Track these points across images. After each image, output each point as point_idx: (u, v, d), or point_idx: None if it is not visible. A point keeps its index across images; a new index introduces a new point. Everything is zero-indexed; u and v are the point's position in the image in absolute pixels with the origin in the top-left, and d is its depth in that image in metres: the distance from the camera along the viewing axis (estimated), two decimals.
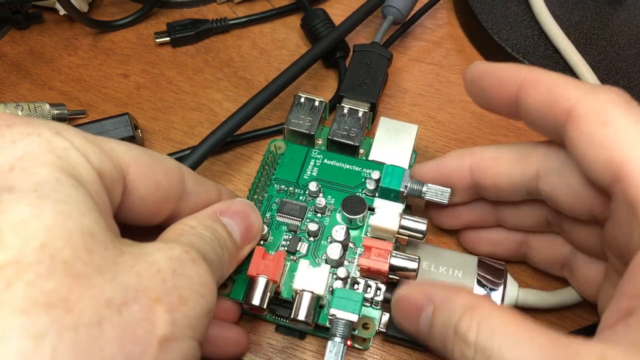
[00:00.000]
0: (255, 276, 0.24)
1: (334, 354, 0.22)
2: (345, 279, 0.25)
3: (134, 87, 0.36)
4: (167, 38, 0.37)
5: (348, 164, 0.29)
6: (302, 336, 0.27)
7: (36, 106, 0.31)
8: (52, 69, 0.36)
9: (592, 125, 0.20)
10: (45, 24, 0.39)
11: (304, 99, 0.30)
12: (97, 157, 0.18)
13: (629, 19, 0.38)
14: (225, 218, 0.22)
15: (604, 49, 0.36)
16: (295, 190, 0.28)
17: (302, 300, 0.24)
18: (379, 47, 0.34)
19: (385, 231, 0.25)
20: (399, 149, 0.29)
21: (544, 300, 0.26)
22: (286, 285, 0.25)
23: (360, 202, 0.27)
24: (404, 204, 0.27)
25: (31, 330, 0.13)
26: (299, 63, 0.32)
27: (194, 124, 0.34)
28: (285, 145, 0.30)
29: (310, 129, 0.29)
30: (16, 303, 0.14)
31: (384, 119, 0.30)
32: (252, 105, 0.30)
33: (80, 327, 0.14)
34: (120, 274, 0.16)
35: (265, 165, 0.29)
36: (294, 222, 0.27)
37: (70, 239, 0.15)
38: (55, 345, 0.14)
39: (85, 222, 0.16)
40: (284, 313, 0.26)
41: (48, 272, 0.14)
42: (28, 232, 0.15)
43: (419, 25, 0.40)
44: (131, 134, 0.31)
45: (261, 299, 0.24)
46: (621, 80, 0.34)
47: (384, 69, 0.33)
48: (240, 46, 0.38)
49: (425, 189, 0.26)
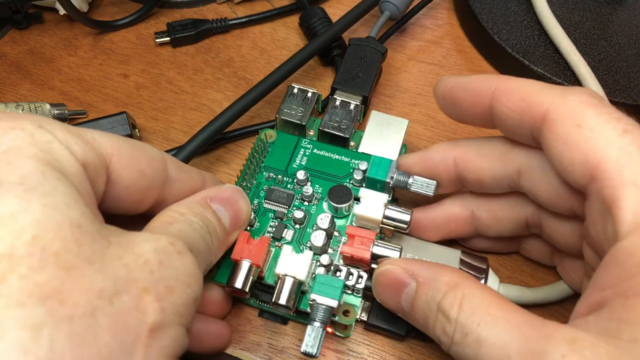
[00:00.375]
0: (239, 260, 0.24)
1: (312, 337, 0.23)
2: (328, 266, 0.25)
3: (134, 87, 0.36)
4: (167, 38, 0.37)
5: (337, 154, 0.29)
6: (285, 322, 0.27)
7: (36, 106, 0.31)
8: (52, 69, 0.36)
9: (567, 127, 0.20)
10: (45, 24, 0.39)
11: (297, 89, 0.31)
12: (80, 149, 0.18)
13: (629, 19, 0.38)
14: (215, 204, 0.23)
15: (604, 49, 0.36)
16: (284, 178, 0.28)
17: (284, 284, 0.24)
18: (374, 41, 0.34)
19: (369, 220, 0.25)
20: (389, 142, 0.29)
21: (525, 295, 0.27)
22: (270, 270, 0.26)
23: (346, 191, 0.27)
24: (390, 195, 0.27)
25: (28, 321, 0.14)
26: (294, 59, 0.32)
27: (194, 124, 0.34)
28: (276, 134, 0.30)
29: (301, 120, 0.30)
30: (12, 296, 0.14)
31: (375, 112, 0.30)
32: (246, 100, 0.31)
33: (75, 317, 0.14)
34: (109, 265, 0.16)
35: (255, 153, 0.29)
36: (281, 209, 0.27)
37: (59, 231, 0.15)
38: (52, 336, 0.14)
39: (72, 214, 0.16)
40: (266, 298, 0.26)
41: (40, 265, 0.15)
42: (18, 226, 0.15)
43: (419, 25, 0.40)
44: (129, 133, 0.31)
45: (244, 282, 0.24)
46: (621, 80, 0.34)
47: (378, 63, 0.33)
48: (240, 46, 0.38)
49: (412, 180, 0.26)
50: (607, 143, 0.19)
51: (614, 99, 0.33)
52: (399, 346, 0.27)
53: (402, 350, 0.26)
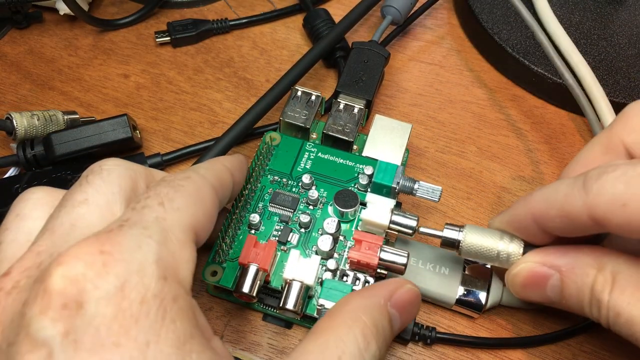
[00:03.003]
0: (246, 264, 0.24)
1: None
2: (335, 271, 0.25)
3: (134, 87, 0.36)
4: (168, 38, 0.37)
5: (342, 159, 0.29)
6: (289, 326, 0.27)
7: (50, 115, 0.31)
8: (52, 69, 0.36)
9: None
10: (45, 24, 0.39)
11: (300, 92, 0.31)
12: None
13: (629, 19, 0.38)
14: (393, 310, 0.21)
15: (604, 49, 0.36)
16: (289, 181, 0.28)
17: (291, 289, 0.24)
18: (377, 45, 0.34)
19: (376, 225, 0.25)
20: (392, 146, 0.29)
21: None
22: (276, 274, 0.25)
23: (352, 196, 0.27)
24: (396, 200, 0.27)
25: None
26: (301, 64, 0.33)
27: (194, 124, 0.34)
28: (280, 137, 0.30)
29: (305, 122, 0.30)
30: None
31: (378, 117, 0.30)
32: (259, 107, 0.31)
33: None
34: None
35: (260, 156, 0.29)
36: (286, 212, 0.27)
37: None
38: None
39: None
40: (272, 302, 0.26)
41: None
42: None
43: (420, 25, 0.40)
44: (129, 135, 0.31)
45: (251, 286, 0.24)
46: (621, 80, 0.34)
47: (381, 67, 0.33)
48: (241, 46, 0.38)
49: (417, 186, 0.26)
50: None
51: (614, 99, 0.33)
52: (402, 349, 0.27)
53: (403, 352, 0.26)
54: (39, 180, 0.29)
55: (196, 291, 0.28)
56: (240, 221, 0.27)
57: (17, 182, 0.29)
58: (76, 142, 0.30)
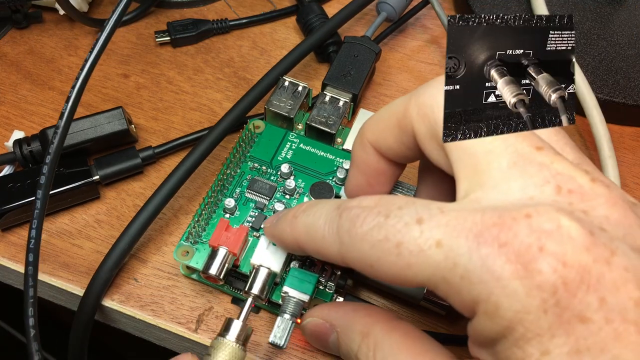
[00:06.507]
0: (216, 247, 0.25)
1: (281, 329, 0.23)
2: (304, 261, 0.26)
3: (134, 87, 0.36)
4: (168, 38, 0.37)
5: (323, 151, 0.30)
6: (257, 311, 0.27)
7: None
8: (52, 69, 0.36)
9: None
10: (45, 24, 0.39)
11: (287, 82, 0.31)
12: None
13: (629, 19, 0.38)
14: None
15: (604, 49, 0.36)
16: (268, 169, 0.29)
17: (258, 275, 0.24)
18: (369, 41, 0.34)
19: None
20: None
21: None
22: (246, 259, 0.26)
23: (328, 188, 0.27)
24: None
25: None
26: (291, 55, 0.33)
27: (194, 124, 0.34)
28: (264, 125, 0.30)
29: (290, 112, 0.30)
30: None
31: (363, 111, 0.31)
32: (247, 100, 0.31)
33: None
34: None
35: (242, 142, 0.29)
36: (263, 200, 0.28)
37: None
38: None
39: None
40: (240, 286, 0.27)
41: None
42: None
43: (419, 25, 0.40)
44: (125, 127, 0.31)
45: (218, 269, 0.24)
46: (621, 80, 0.34)
47: (371, 62, 0.33)
48: (241, 46, 0.38)
49: (395, 185, 0.26)
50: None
51: (614, 99, 0.33)
52: None
53: None
54: (32, 179, 0.29)
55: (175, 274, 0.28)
56: (217, 204, 0.27)
57: (12, 182, 0.29)
58: (72, 136, 0.30)
